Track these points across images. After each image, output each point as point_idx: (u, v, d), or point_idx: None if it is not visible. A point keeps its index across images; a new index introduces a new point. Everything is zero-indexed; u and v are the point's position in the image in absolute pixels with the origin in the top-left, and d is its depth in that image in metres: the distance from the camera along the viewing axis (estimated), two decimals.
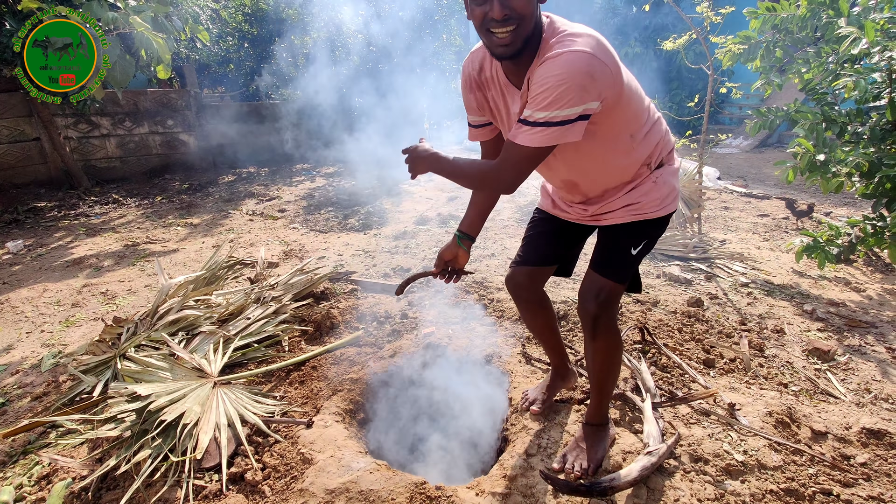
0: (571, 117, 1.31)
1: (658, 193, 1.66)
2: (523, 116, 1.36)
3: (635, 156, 1.61)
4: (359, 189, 7.00)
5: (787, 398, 2.24)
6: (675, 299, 3.26)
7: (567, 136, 1.35)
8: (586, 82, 1.28)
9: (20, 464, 2.07)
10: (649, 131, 1.61)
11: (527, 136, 1.36)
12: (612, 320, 1.71)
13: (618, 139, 1.55)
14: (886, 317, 3.09)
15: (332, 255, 4.38)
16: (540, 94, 1.31)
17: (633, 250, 1.69)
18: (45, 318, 3.41)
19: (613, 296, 1.69)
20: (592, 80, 1.29)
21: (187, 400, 2.11)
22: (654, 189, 1.66)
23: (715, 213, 5.38)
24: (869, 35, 2.82)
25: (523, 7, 1.30)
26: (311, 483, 1.79)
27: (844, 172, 2.99)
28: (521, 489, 1.74)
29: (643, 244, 1.71)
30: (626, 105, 1.47)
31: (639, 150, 1.61)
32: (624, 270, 1.70)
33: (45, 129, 6.67)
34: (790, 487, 1.72)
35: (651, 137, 1.62)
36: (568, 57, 1.28)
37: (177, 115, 8.00)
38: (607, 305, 1.67)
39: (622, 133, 1.54)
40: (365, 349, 2.74)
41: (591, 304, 1.68)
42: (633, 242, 1.69)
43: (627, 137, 1.56)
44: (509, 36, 1.33)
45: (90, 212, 6.12)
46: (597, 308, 1.66)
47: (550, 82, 1.29)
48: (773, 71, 3.72)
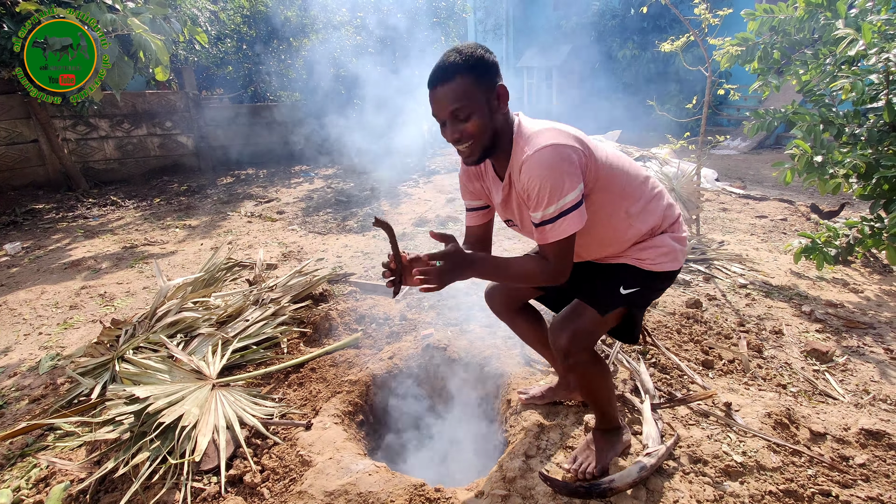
0: (577, 200, 1.43)
1: (656, 251, 1.67)
2: (539, 220, 1.46)
3: (633, 231, 1.65)
4: (357, 191, 7.00)
5: (785, 399, 2.24)
6: (673, 300, 3.27)
7: (581, 217, 1.45)
8: (565, 167, 1.41)
9: (18, 466, 2.06)
10: (647, 207, 1.65)
11: (555, 231, 1.45)
12: (585, 353, 1.64)
13: (613, 216, 1.61)
14: (885, 318, 3.10)
15: (331, 256, 4.38)
16: (538, 195, 1.43)
17: (623, 289, 1.66)
18: (42, 320, 3.40)
19: (589, 330, 1.63)
20: (570, 164, 1.41)
21: (186, 402, 2.11)
22: (652, 246, 1.67)
23: (713, 215, 5.39)
24: (866, 37, 2.82)
25: (472, 129, 1.45)
26: (309, 485, 1.79)
27: (842, 174, 3.00)
28: (520, 490, 1.74)
29: (636, 290, 1.67)
30: (610, 180, 1.57)
31: (637, 226, 1.65)
32: (606, 301, 1.65)
33: (43, 130, 6.66)
34: (789, 488, 1.72)
35: (650, 212, 1.66)
36: (538, 156, 1.41)
37: (175, 116, 8.00)
38: (580, 340, 1.61)
39: (617, 210, 1.61)
40: (364, 351, 2.74)
41: (562, 337, 1.61)
42: (624, 282, 1.67)
43: (623, 214, 1.62)
44: (467, 150, 1.49)
45: (88, 214, 6.11)
46: (567, 343, 1.60)
47: (538, 182, 1.41)
48: (770, 72, 3.72)
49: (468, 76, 1.41)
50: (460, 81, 1.41)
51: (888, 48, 2.77)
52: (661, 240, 1.68)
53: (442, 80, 1.42)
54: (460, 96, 1.41)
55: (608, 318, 1.67)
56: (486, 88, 1.45)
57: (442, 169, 8.30)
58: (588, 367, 1.67)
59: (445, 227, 5.08)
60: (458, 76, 1.41)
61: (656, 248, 1.67)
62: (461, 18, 11.38)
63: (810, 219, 5.18)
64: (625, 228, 1.64)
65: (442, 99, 1.43)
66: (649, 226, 1.66)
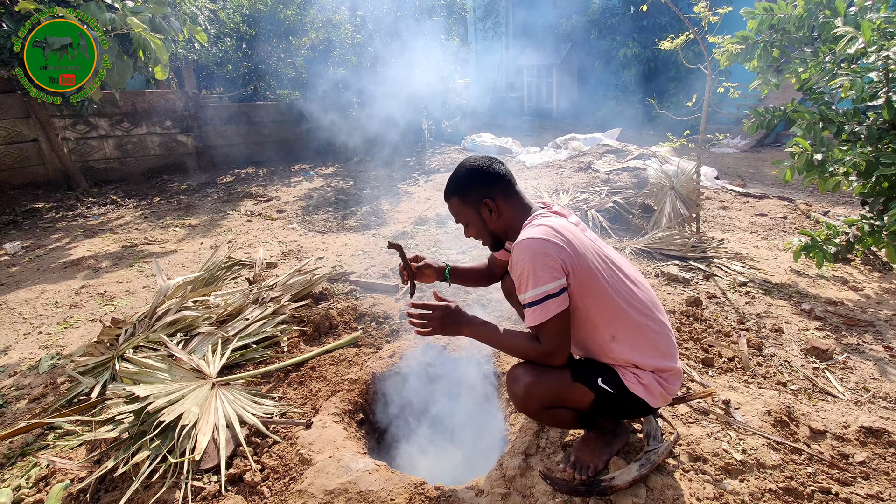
0: (556, 291, 1.51)
1: (636, 378, 1.63)
2: (525, 301, 1.56)
3: (615, 355, 1.64)
4: (357, 189, 7.00)
5: (785, 397, 2.24)
6: (673, 298, 3.27)
7: (556, 308, 1.52)
8: (547, 261, 1.52)
9: (18, 465, 2.07)
10: (637, 342, 1.63)
11: (538, 314, 1.53)
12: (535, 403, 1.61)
13: (596, 333, 1.64)
14: (884, 315, 3.10)
15: (331, 255, 4.38)
16: (520, 278, 1.56)
17: (600, 380, 1.63)
18: (42, 319, 3.40)
19: (553, 387, 1.60)
20: (548, 257, 1.52)
21: (186, 401, 2.11)
22: (635, 373, 1.64)
23: (713, 213, 5.39)
24: (865, 35, 2.82)
25: (473, 234, 1.81)
26: (309, 484, 1.79)
27: (842, 172, 3.00)
28: (520, 489, 1.74)
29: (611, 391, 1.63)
30: (593, 292, 1.58)
31: (620, 353, 1.63)
32: (582, 372, 1.64)
33: (42, 130, 6.66)
34: (789, 486, 1.72)
35: (639, 349, 1.63)
36: (524, 244, 1.55)
37: (175, 115, 8.00)
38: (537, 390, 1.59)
39: (600, 329, 1.63)
40: (364, 349, 2.74)
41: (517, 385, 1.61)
42: (604, 376, 1.64)
43: (609, 338, 1.63)
44: (481, 242, 1.84)
45: (88, 213, 6.11)
46: (524, 391, 1.59)
47: (519, 268, 1.55)
48: (770, 71, 3.72)
49: (454, 198, 1.75)
50: (452, 201, 1.77)
51: (888, 46, 2.77)
52: (645, 374, 1.64)
53: (445, 199, 1.80)
54: (455, 212, 1.79)
55: (575, 388, 1.63)
56: (474, 204, 1.72)
57: (441, 168, 8.29)
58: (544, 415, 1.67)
59: (444, 226, 5.08)
60: (450, 198, 1.77)
61: (637, 377, 1.64)
62: (461, 17, 11.38)
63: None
64: (605, 347, 1.65)
65: (449, 211, 1.82)
66: (632, 361, 1.64)
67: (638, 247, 4.17)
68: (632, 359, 1.64)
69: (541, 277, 1.51)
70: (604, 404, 1.65)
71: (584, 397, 1.64)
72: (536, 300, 1.52)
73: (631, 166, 6.82)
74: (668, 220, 4.48)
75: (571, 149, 8.32)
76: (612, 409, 1.70)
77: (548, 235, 1.55)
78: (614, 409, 1.70)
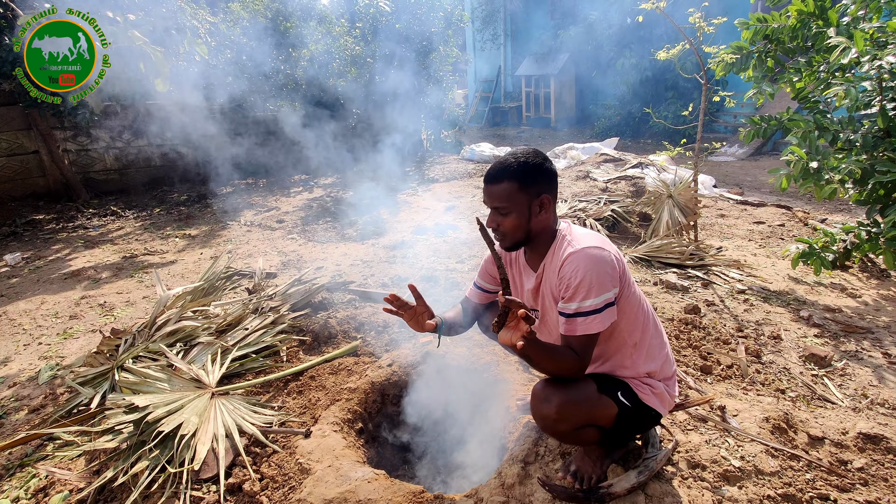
0: (611, 301, 1.53)
1: (650, 389, 1.71)
2: (573, 311, 1.54)
3: (631, 363, 1.71)
4: (356, 199, 7.03)
5: (784, 404, 2.24)
6: (672, 306, 3.27)
7: (612, 317, 1.54)
8: (609, 269, 1.54)
9: (17, 476, 2.06)
10: (651, 347, 1.73)
11: (585, 325, 1.53)
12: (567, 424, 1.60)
13: (622, 341, 1.69)
14: (882, 322, 3.10)
15: (330, 265, 4.39)
16: (577, 287, 1.52)
17: (619, 393, 1.66)
18: (42, 330, 3.41)
19: (584, 406, 1.60)
20: (612, 268, 1.54)
21: (185, 411, 2.11)
22: (648, 384, 1.72)
23: (711, 221, 5.41)
24: (858, 44, 2.85)
25: (508, 225, 1.64)
26: (309, 493, 1.79)
27: (837, 179, 3.02)
28: (519, 497, 1.74)
29: (629, 405, 1.65)
30: (628, 299, 1.64)
31: (637, 362, 1.70)
32: (604, 387, 1.65)
33: (43, 141, 6.70)
34: (787, 493, 1.72)
35: (651, 355, 1.72)
36: (586, 253, 1.54)
37: (175, 127, 8.03)
38: (570, 410, 1.57)
39: (628, 339, 1.69)
40: (363, 358, 2.74)
41: (547, 406, 1.57)
42: (622, 390, 1.67)
43: (631, 346, 1.69)
44: (501, 237, 1.69)
45: (88, 224, 6.13)
46: (556, 412, 1.56)
47: (581, 275, 1.52)
48: (765, 80, 3.75)
49: (513, 182, 1.60)
50: (505, 185, 1.60)
51: (881, 55, 2.80)
52: (657, 383, 1.73)
53: (494, 180, 1.62)
54: (504, 197, 1.61)
55: (602, 402, 1.62)
56: (531, 195, 1.62)
57: (441, 177, 8.33)
58: (571, 435, 1.65)
59: (444, 235, 5.10)
60: (507, 180, 1.60)
61: (651, 387, 1.71)
62: (459, 28, 11.47)
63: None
64: (626, 356, 1.71)
65: (491, 194, 1.64)
66: (647, 369, 1.71)
67: (636, 255, 4.19)
68: (647, 366, 1.70)
69: (605, 286, 1.51)
70: (623, 419, 1.66)
71: (610, 411, 1.64)
72: (597, 308, 1.51)
73: (629, 175, 6.85)
74: (666, 228, 4.50)
75: (570, 158, 8.36)
76: (630, 424, 1.70)
77: (605, 245, 1.58)
78: (632, 424, 1.72)
